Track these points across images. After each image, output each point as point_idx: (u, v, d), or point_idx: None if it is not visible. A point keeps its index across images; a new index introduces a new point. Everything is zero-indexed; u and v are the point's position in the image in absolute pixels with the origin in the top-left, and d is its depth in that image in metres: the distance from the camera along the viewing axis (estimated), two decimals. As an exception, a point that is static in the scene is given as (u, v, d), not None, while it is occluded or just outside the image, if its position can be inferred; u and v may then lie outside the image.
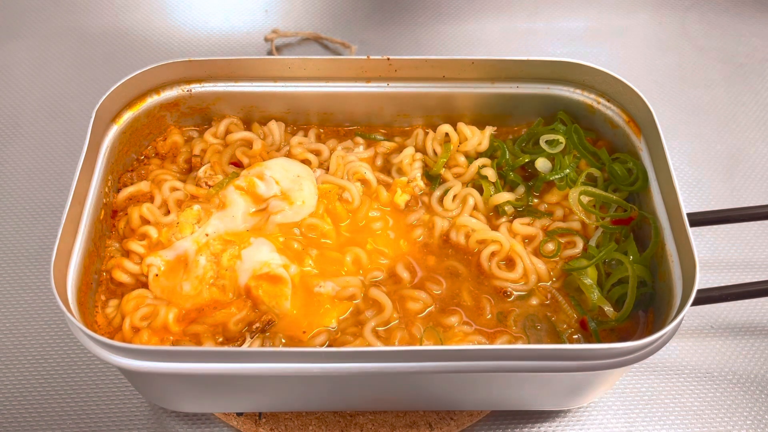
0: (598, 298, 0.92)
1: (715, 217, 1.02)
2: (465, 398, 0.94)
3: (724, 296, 0.95)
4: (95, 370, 1.05)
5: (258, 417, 0.99)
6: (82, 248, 0.90)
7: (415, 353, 0.77)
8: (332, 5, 1.63)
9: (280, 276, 0.92)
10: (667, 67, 1.51)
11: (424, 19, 1.60)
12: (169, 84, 1.06)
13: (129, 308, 0.92)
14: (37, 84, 1.44)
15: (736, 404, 1.03)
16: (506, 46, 1.54)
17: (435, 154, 1.08)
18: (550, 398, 0.95)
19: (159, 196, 1.01)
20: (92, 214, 0.93)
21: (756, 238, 1.22)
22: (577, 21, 1.60)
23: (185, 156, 1.07)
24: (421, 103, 1.09)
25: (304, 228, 0.99)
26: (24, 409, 1.01)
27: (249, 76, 1.07)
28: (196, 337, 0.90)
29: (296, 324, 0.91)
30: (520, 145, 1.08)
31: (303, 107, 1.10)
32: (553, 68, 1.04)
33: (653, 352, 0.80)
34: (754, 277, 1.17)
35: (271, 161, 1.03)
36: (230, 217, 0.98)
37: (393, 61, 1.04)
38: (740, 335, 1.11)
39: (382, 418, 0.99)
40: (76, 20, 1.58)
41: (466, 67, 1.04)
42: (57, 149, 1.33)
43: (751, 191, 1.29)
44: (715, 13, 1.60)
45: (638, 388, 1.05)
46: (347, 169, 1.05)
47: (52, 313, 1.10)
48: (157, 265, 0.94)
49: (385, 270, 0.98)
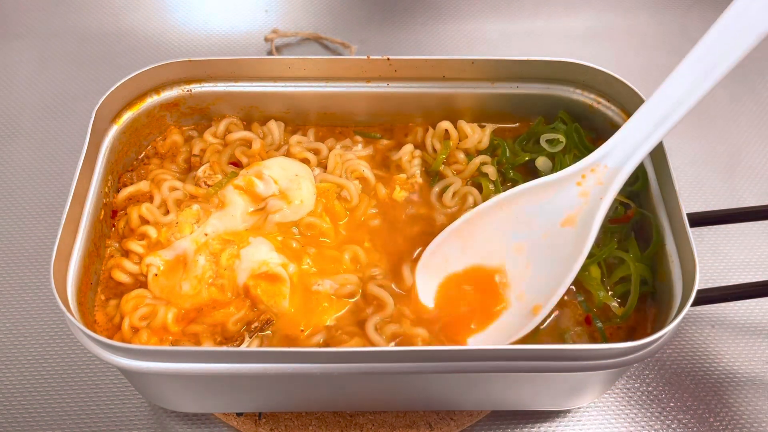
0: (603, 295, 0.92)
1: (715, 217, 1.01)
2: (465, 398, 0.94)
3: (724, 296, 0.95)
4: (95, 370, 1.05)
5: (258, 417, 0.99)
6: (82, 248, 0.90)
7: (415, 353, 0.77)
8: (332, 5, 1.63)
9: (279, 275, 0.92)
10: (667, 67, 1.50)
11: (424, 19, 1.60)
12: (168, 84, 1.06)
13: (128, 308, 0.91)
14: (37, 84, 1.44)
15: (736, 404, 1.03)
16: (506, 46, 1.54)
17: (434, 151, 1.08)
18: (550, 398, 0.95)
19: (158, 195, 1.01)
20: (92, 213, 0.93)
21: (756, 238, 1.22)
22: (577, 21, 1.60)
23: (185, 156, 1.07)
24: (421, 104, 1.09)
25: (303, 227, 0.99)
26: (24, 409, 1.01)
27: (249, 76, 1.07)
28: (196, 336, 0.90)
29: (295, 322, 0.91)
30: (521, 144, 1.08)
31: (303, 107, 1.10)
32: (554, 68, 1.04)
33: (653, 352, 0.80)
34: (754, 277, 1.17)
35: (269, 160, 1.03)
36: (229, 217, 0.98)
37: (393, 61, 1.04)
38: (740, 335, 1.10)
39: (381, 418, 0.99)
40: (76, 20, 1.58)
41: (467, 67, 1.04)
42: (57, 149, 1.33)
43: (751, 191, 1.29)
44: (716, 12, 1.59)
45: (638, 388, 1.05)
46: (346, 167, 1.05)
47: (51, 312, 1.10)
48: (157, 264, 0.94)
49: (385, 267, 0.97)
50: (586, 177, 0.93)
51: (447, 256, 0.96)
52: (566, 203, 0.94)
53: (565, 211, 0.94)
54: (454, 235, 0.97)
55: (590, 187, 0.93)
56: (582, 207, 0.92)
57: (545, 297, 0.90)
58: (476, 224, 0.97)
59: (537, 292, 0.91)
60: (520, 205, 0.96)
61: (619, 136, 0.92)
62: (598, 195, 0.92)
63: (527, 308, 0.91)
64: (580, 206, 0.92)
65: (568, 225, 0.93)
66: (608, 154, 0.93)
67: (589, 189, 0.92)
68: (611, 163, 0.92)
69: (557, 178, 0.94)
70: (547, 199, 0.95)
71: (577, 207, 0.93)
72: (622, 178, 0.91)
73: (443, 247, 0.97)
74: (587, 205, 0.92)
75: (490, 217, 0.97)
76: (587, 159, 0.94)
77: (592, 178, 0.93)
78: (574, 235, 0.92)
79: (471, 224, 0.97)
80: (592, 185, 0.93)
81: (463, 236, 0.97)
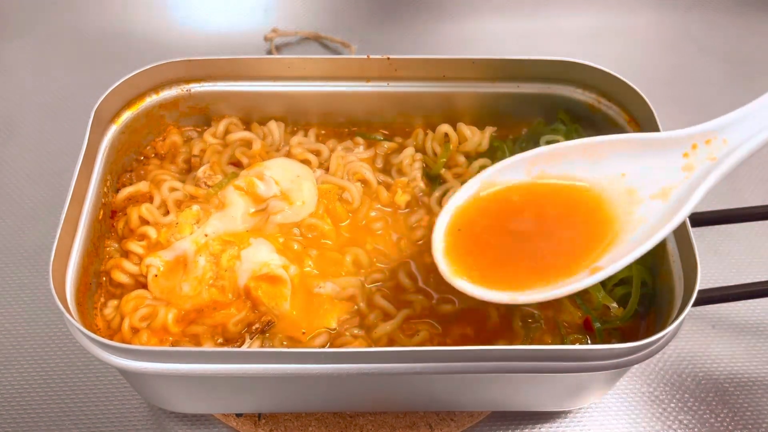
0: (603, 296, 0.92)
1: (717, 217, 1.01)
2: (465, 399, 0.94)
3: (725, 297, 0.95)
4: (94, 370, 1.04)
5: (257, 418, 0.99)
6: (81, 248, 0.89)
7: (415, 354, 0.77)
8: (332, 4, 1.63)
9: (280, 277, 0.92)
10: (668, 67, 1.51)
11: (425, 18, 1.59)
12: (168, 83, 1.06)
13: (128, 309, 0.91)
14: (36, 83, 1.44)
15: (737, 405, 1.03)
16: (507, 45, 1.54)
17: (435, 154, 1.08)
18: (551, 399, 0.95)
19: (158, 196, 1.00)
20: (91, 214, 0.93)
21: (757, 238, 1.22)
22: (578, 20, 1.60)
23: (184, 156, 1.07)
24: (422, 103, 1.09)
25: (304, 228, 0.99)
26: (23, 410, 1.01)
27: (248, 76, 1.07)
28: (196, 337, 0.90)
29: (296, 325, 0.91)
30: (521, 146, 1.07)
31: (303, 107, 1.09)
32: (554, 68, 1.04)
33: (654, 353, 0.80)
34: (755, 277, 1.16)
35: (270, 161, 1.03)
36: (230, 218, 0.97)
37: (393, 60, 1.04)
38: (741, 336, 1.10)
39: (381, 418, 0.99)
40: (75, 19, 1.57)
41: (467, 66, 1.04)
42: (56, 149, 1.32)
43: (752, 191, 1.29)
44: (717, 12, 1.60)
45: (639, 389, 1.05)
46: (347, 169, 1.05)
47: (50, 313, 1.09)
48: (157, 265, 0.94)
49: (387, 272, 0.97)
50: (697, 149, 0.78)
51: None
52: (664, 174, 0.79)
53: (660, 182, 0.79)
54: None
55: (698, 162, 0.77)
56: (682, 182, 0.77)
57: (607, 260, 0.78)
58: (549, 162, 0.84)
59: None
60: (607, 159, 0.82)
61: (750, 108, 0.77)
62: (704, 173, 0.76)
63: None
64: (681, 181, 0.78)
65: (658, 198, 0.78)
66: (731, 126, 0.77)
67: (697, 163, 0.77)
68: (733, 139, 0.76)
69: (661, 140, 0.79)
70: (643, 163, 0.80)
71: (677, 181, 0.78)
72: (739, 158, 0.76)
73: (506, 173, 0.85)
74: (688, 181, 0.77)
75: (567, 159, 0.83)
76: (701, 127, 0.78)
77: (704, 151, 0.77)
78: (661, 210, 0.78)
79: (543, 160, 0.83)
80: (702, 160, 0.77)
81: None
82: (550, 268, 0.80)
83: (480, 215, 0.87)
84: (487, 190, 0.88)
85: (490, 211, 0.87)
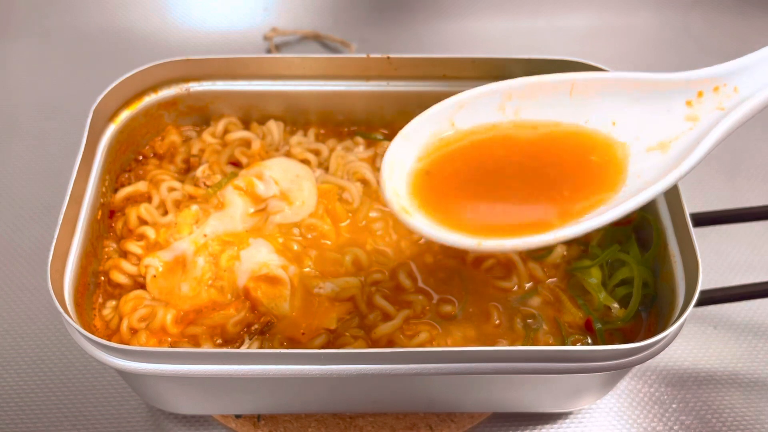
0: (604, 297, 0.92)
1: (718, 217, 1.01)
2: (466, 400, 0.93)
3: (726, 297, 0.95)
4: (92, 371, 1.04)
5: (257, 419, 0.98)
6: (79, 249, 0.89)
7: (416, 354, 0.77)
8: (332, 3, 1.63)
9: (279, 277, 0.91)
10: (669, 66, 1.49)
11: (425, 17, 1.59)
12: (166, 83, 1.05)
13: (127, 309, 0.91)
14: (34, 83, 1.44)
15: (738, 406, 1.03)
16: (507, 44, 1.53)
17: (435, 154, 1.07)
18: (552, 400, 0.94)
19: (157, 196, 1.00)
20: (89, 214, 0.92)
21: (759, 238, 1.21)
22: (578, 19, 1.60)
23: (183, 156, 1.06)
24: (422, 102, 1.07)
25: (304, 228, 0.98)
26: (21, 411, 1.00)
27: (248, 75, 1.06)
28: (195, 338, 0.90)
29: (295, 325, 0.90)
30: (521, 145, 1.07)
31: (302, 106, 1.09)
32: (555, 67, 1.03)
33: (656, 353, 0.79)
34: (757, 277, 1.16)
35: (270, 161, 1.02)
36: (229, 218, 0.97)
37: (393, 59, 1.03)
38: (743, 336, 1.10)
39: (381, 420, 0.98)
40: (73, 18, 1.57)
41: (467, 65, 1.04)
42: (54, 148, 1.32)
43: (754, 191, 1.29)
44: (718, 12, 1.60)
45: (640, 390, 1.04)
46: (347, 168, 1.05)
47: (48, 314, 1.09)
48: (155, 265, 0.93)
49: (387, 272, 0.97)
50: (704, 97, 0.69)
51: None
52: (663, 124, 0.70)
53: (658, 133, 0.70)
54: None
55: (704, 112, 0.68)
56: (685, 134, 0.69)
57: (589, 216, 0.69)
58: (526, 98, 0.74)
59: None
60: (594, 101, 0.73)
61: (765, 53, 0.67)
62: (710, 124, 0.67)
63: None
64: (682, 132, 0.69)
65: (656, 150, 0.70)
66: (743, 72, 0.68)
67: (702, 114, 0.68)
68: (745, 87, 0.67)
69: (660, 82, 0.70)
70: (639, 109, 0.71)
71: (679, 132, 0.69)
72: (752, 109, 0.67)
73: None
74: (691, 132, 0.68)
75: (548, 97, 0.74)
76: (706, 71, 0.69)
77: (712, 100, 0.68)
78: (659, 163, 0.68)
79: (519, 95, 0.74)
80: (709, 110, 0.68)
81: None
82: (525, 220, 0.71)
83: (452, 159, 0.78)
84: (459, 130, 0.79)
85: (464, 156, 0.78)
